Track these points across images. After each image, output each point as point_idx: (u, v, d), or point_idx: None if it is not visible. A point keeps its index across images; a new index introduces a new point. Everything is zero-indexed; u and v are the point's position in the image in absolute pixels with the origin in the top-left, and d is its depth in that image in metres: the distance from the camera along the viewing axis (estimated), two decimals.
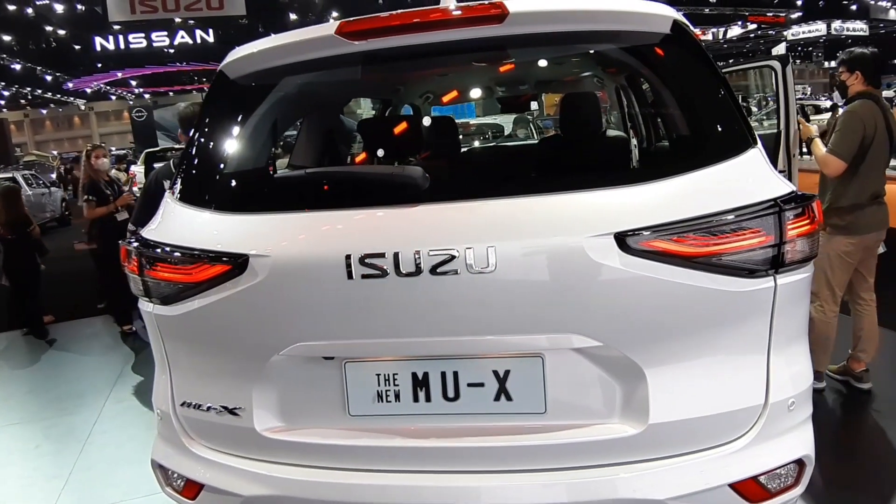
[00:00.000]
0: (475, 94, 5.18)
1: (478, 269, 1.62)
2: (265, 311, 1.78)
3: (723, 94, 1.81)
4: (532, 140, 8.86)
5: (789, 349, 1.76)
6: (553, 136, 4.27)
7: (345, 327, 1.75)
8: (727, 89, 1.82)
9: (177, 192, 2.03)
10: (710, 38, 34.75)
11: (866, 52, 3.64)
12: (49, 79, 41.99)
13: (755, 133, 1.80)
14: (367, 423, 1.83)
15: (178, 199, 2.01)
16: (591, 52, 2.51)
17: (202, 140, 2.09)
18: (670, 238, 1.61)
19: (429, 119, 2.86)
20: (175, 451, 2.02)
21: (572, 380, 1.73)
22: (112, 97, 51.56)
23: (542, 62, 3.12)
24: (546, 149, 3.34)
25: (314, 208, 1.84)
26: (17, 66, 36.84)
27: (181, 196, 2.01)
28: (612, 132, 4.42)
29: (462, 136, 8.68)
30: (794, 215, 1.65)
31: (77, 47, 34.11)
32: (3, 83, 41.48)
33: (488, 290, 1.64)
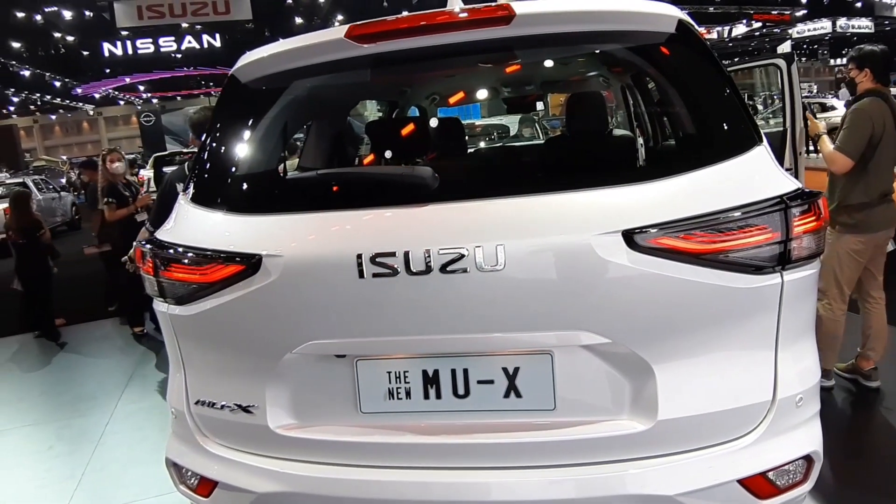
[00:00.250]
0: (481, 95, 5.20)
1: (487, 267, 1.63)
2: (278, 310, 1.81)
3: (728, 93, 1.82)
4: (538, 140, 8.86)
5: (797, 345, 1.76)
6: (559, 136, 4.29)
7: (356, 326, 1.77)
8: (732, 88, 1.83)
9: (190, 195, 2.06)
10: (714, 36, 34.60)
11: (876, 49, 3.62)
12: (58, 85, 42.21)
13: (761, 131, 1.81)
14: (379, 421, 1.85)
15: (191, 201, 2.04)
16: (597, 53, 2.52)
17: (214, 143, 2.12)
18: (677, 235, 1.62)
19: (436, 120, 2.88)
20: (189, 450, 2.04)
21: (581, 376, 1.74)
22: (120, 102, 51.72)
23: (548, 63, 3.14)
24: (553, 148, 3.35)
25: (325, 209, 1.86)
26: (27, 73, 37.04)
27: (194, 198, 2.04)
28: (618, 131, 4.43)
29: (468, 137, 8.70)
30: (801, 212, 1.66)
31: (85, 53, 34.25)
32: (13, 89, 41.71)
33: (497, 288, 1.66)
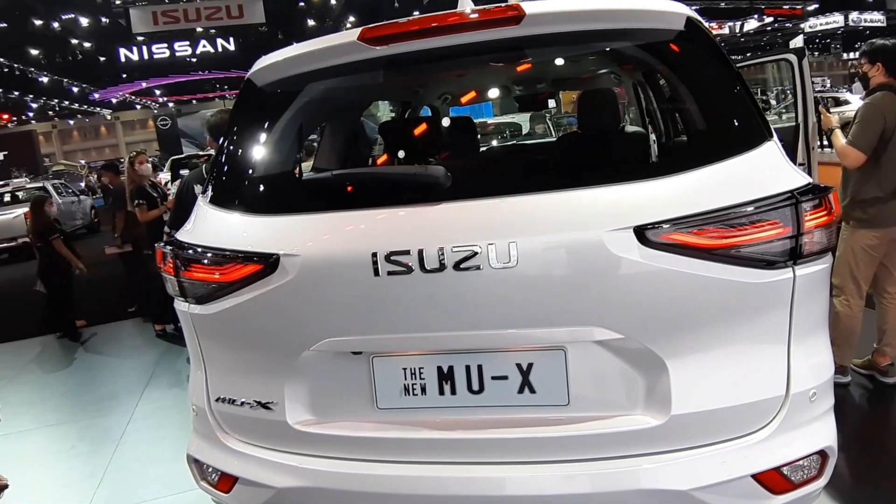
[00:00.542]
0: (493, 94, 5.21)
1: (500, 264, 1.65)
2: (296, 308, 1.84)
3: (738, 89, 1.82)
4: (550, 137, 8.85)
5: (810, 340, 1.76)
6: (571, 133, 4.29)
7: (372, 323, 1.79)
8: (742, 84, 1.83)
9: (209, 196, 2.10)
10: (726, 31, 34.26)
11: (888, 43, 3.59)
12: (76, 90, 42.71)
13: (771, 126, 1.81)
14: (395, 416, 1.87)
15: (210, 203, 2.07)
16: (607, 51, 2.52)
17: (232, 146, 2.15)
18: (689, 231, 1.63)
19: (448, 120, 2.90)
20: (210, 446, 2.07)
21: (594, 372, 1.75)
22: (137, 106, 52.25)
23: (559, 61, 3.14)
24: (565, 145, 3.35)
25: (341, 208, 1.88)
26: (45, 79, 37.53)
27: (213, 199, 2.08)
28: (629, 128, 4.43)
29: (480, 136, 8.70)
30: (811, 207, 1.66)
31: (102, 59, 34.67)
32: (32, 95, 42.23)
33: (510, 285, 1.67)
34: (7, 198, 16.91)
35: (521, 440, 1.76)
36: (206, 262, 1.94)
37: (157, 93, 45.45)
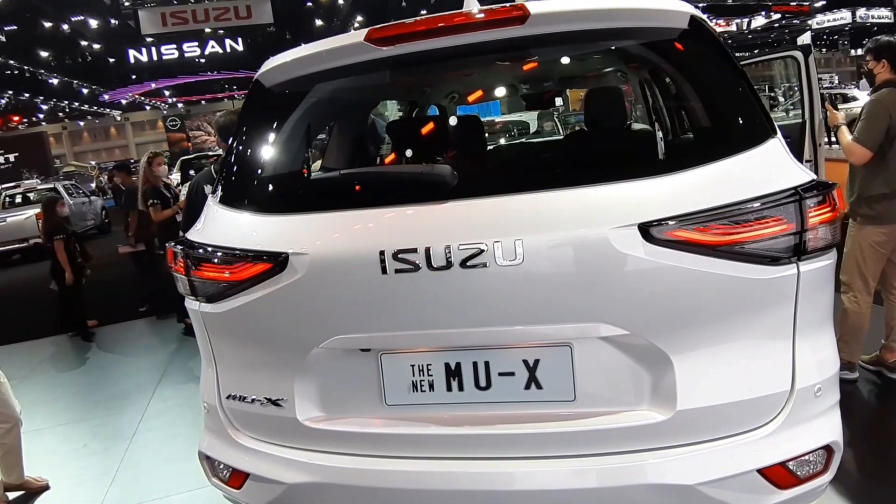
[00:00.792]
0: (499, 92, 5.21)
1: (506, 261, 1.66)
2: (305, 306, 1.86)
3: (742, 86, 1.83)
4: (557, 135, 8.84)
5: (814, 336, 1.76)
6: (578, 131, 4.29)
7: (380, 320, 1.81)
8: (746, 81, 1.84)
9: (219, 196, 2.12)
10: (734, 28, 34.10)
11: (892, 40, 3.58)
12: (85, 92, 43.02)
13: (775, 123, 1.82)
14: (404, 413, 1.89)
15: (220, 203, 2.10)
16: (612, 49, 2.53)
17: (241, 146, 2.18)
18: (693, 227, 1.64)
19: (455, 119, 2.91)
20: (221, 443, 2.10)
21: (600, 368, 1.76)
22: (146, 107, 52.59)
23: (564, 60, 3.15)
24: (571, 143, 3.36)
25: (348, 207, 1.90)
26: (55, 81, 37.78)
27: (223, 199, 2.10)
28: (636, 125, 4.43)
29: (488, 134, 8.70)
30: (815, 203, 1.67)
31: (112, 60, 34.86)
32: (42, 97, 42.56)
33: (516, 282, 1.68)
34: (18, 199, 17.07)
35: (528, 435, 1.78)
36: (216, 261, 1.96)
37: (167, 93, 45.71)
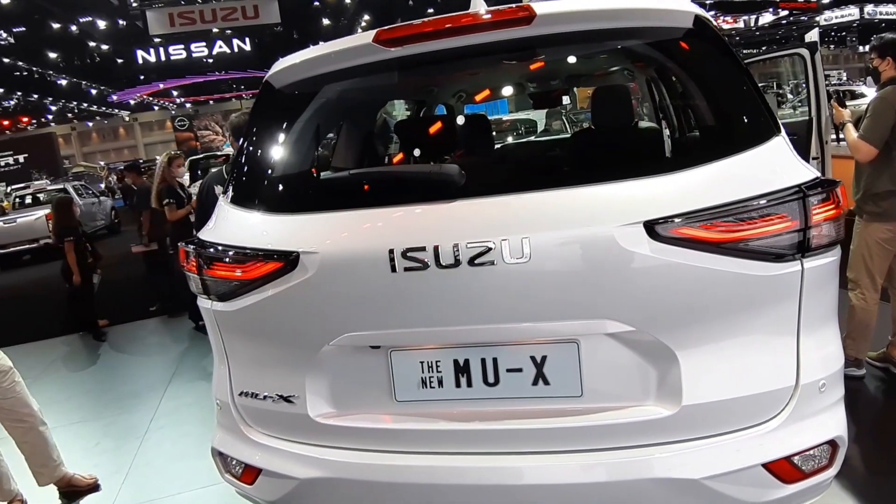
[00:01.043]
0: (506, 92, 5.23)
1: (513, 259, 1.69)
2: (315, 304, 1.89)
3: (746, 85, 1.85)
4: (565, 134, 8.84)
5: (819, 332, 1.78)
6: (585, 130, 4.30)
7: (390, 318, 1.84)
8: (750, 80, 1.86)
9: (230, 196, 2.15)
10: (741, 25, 33.93)
11: None
12: (94, 92, 43.18)
13: (779, 121, 1.83)
14: (413, 408, 1.92)
15: (231, 202, 2.13)
16: (617, 49, 2.55)
17: (251, 147, 2.21)
18: (697, 225, 1.65)
19: (462, 118, 2.93)
20: (234, 439, 2.13)
21: (607, 364, 1.78)
22: (155, 108, 52.77)
23: (570, 59, 3.16)
24: (578, 142, 3.37)
25: (358, 207, 1.92)
26: (64, 82, 37.96)
27: (234, 199, 2.13)
28: (643, 124, 4.44)
29: (496, 133, 8.71)
30: (819, 200, 1.68)
31: (120, 61, 34.95)
32: (51, 98, 42.78)
33: (524, 280, 1.71)
34: (28, 200, 17.21)
35: (535, 431, 1.80)
36: (227, 260, 1.99)
37: (175, 94, 45.86)
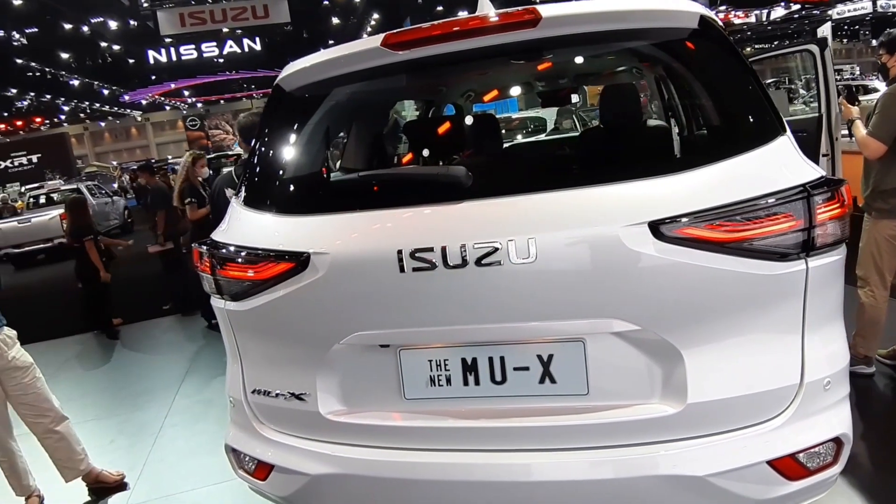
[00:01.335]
0: (514, 91, 5.25)
1: (520, 259, 1.71)
2: (326, 304, 1.92)
3: (751, 84, 1.86)
4: (574, 132, 8.83)
5: (824, 330, 1.79)
6: (592, 129, 4.31)
7: (398, 317, 1.87)
8: (755, 79, 1.87)
9: (242, 197, 2.19)
10: (753, 20, 33.64)
11: None
12: (106, 92, 43.54)
13: (784, 120, 1.84)
14: (422, 406, 1.95)
15: (243, 204, 2.16)
16: (623, 49, 2.56)
17: (263, 149, 2.24)
18: (702, 225, 1.67)
19: (471, 118, 2.95)
20: (247, 436, 2.17)
21: (613, 362, 1.80)
22: (166, 107, 53.13)
23: (576, 60, 3.18)
24: (584, 141, 3.38)
25: (367, 208, 1.95)
26: (76, 82, 38.30)
27: (246, 201, 2.16)
28: (651, 122, 4.43)
29: (504, 131, 8.70)
30: (824, 199, 1.69)
31: (131, 61, 35.24)
32: (63, 98, 43.15)
33: (530, 280, 1.73)
34: (42, 200, 17.38)
35: (542, 428, 1.82)
36: (240, 260, 2.03)
37: (186, 93, 46.17)
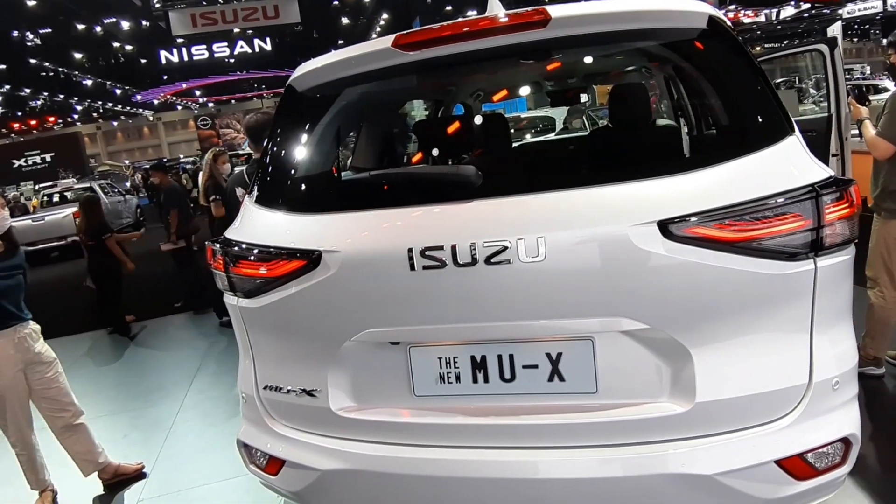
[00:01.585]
0: (524, 91, 5.26)
1: (529, 258, 1.72)
2: (337, 301, 1.94)
3: (760, 84, 1.86)
4: (583, 132, 8.83)
5: (832, 330, 1.79)
6: (602, 128, 4.31)
7: (409, 315, 1.88)
8: (764, 79, 1.87)
9: (254, 196, 2.21)
10: (762, 19, 33.36)
11: None
12: (118, 92, 43.90)
13: (792, 120, 1.84)
14: (431, 403, 1.96)
15: (255, 203, 2.19)
16: (632, 49, 2.56)
17: (275, 148, 2.27)
18: (711, 224, 1.67)
19: (480, 118, 2.96)
20: (259, 431, 2.19)
21: (621, 361, 1.81)
22: (178, 107, 53.47)
23: (586, 60, 3.18)
24: (593, 141, 3.39)
25: (378, 207, 1.97)
26: (89, 82, 38.62)
27: (258, 199, 2.19)
28: (661, 121, 4.43)
29: (513, 130, 8.70)
30: (832, 199, 1.69)
31: (144, 61, 35.52)
32: (76, 98, 43.50)
33: (539, 278, 1.74)
34: (56, 198, 17.53)
35: (551, 426, 1.83)
36: (252, 258, 2.05)
37: (197, 93, 46.46)
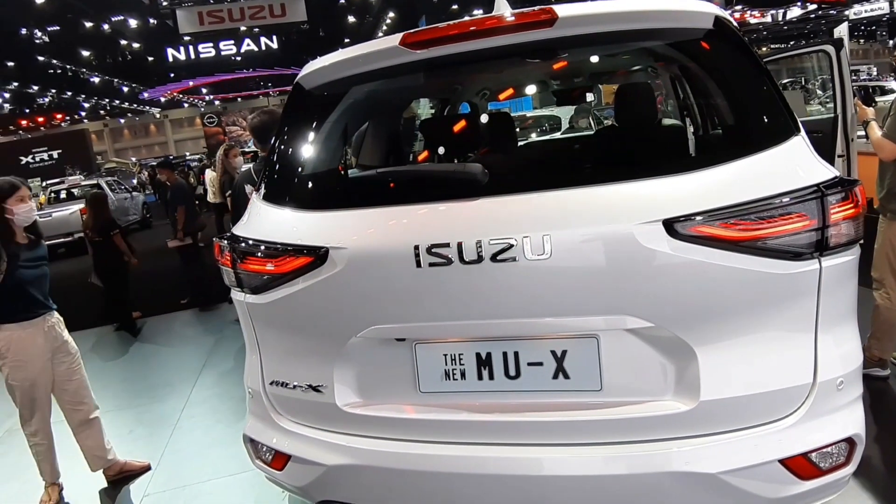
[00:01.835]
0: (530, 90, 5.26)
1: (534, 256, 1.73)
2: (343, 297, 1.95)
3: (766, 84, 1.86)
4: (588, 131, 8.82)
5: (837, 330, 1.79)
6: (608, 128, 4.31)
7: (415, 311, 1.90)
8: (769, 79, 1.87)
9: (262, 193, 2.23)
10: (769, 20, 33.28)
11: None
12: (125, 90, 44.02)
13: (798, 120, 1.85)
14: (437, 400, 1.98)
15: (263, 199, 2.20)
16: (638, 49, 2.57)
17: (283, 146, 2.28)
18: (716, 224, 1.68)
19: (486, 116, 2.97)
20: (265, 427, 2.21)
21: (626, 359, 1.82)
22: (185, 105, 53.62)
23: (592, 59, 3.19)
24: (599, 140, 3.39)
25: (385, 204, 1.99)
26: (96, 79, 38.79)
27: (266, 196, 2.20)
28: (666, 121, 4.43)
29: (519, 129, 8.71)
30: (837, 200, 1.70)
31: (150, 59, 35.63)
32: (84, 95, 43.69)
33: (545, 276, 1.75)
34: (63, 195, 17.60)
35: (555, 423, 1.84)
36: (260, 254, 2.07)
37: (204, 91, 46.58)
